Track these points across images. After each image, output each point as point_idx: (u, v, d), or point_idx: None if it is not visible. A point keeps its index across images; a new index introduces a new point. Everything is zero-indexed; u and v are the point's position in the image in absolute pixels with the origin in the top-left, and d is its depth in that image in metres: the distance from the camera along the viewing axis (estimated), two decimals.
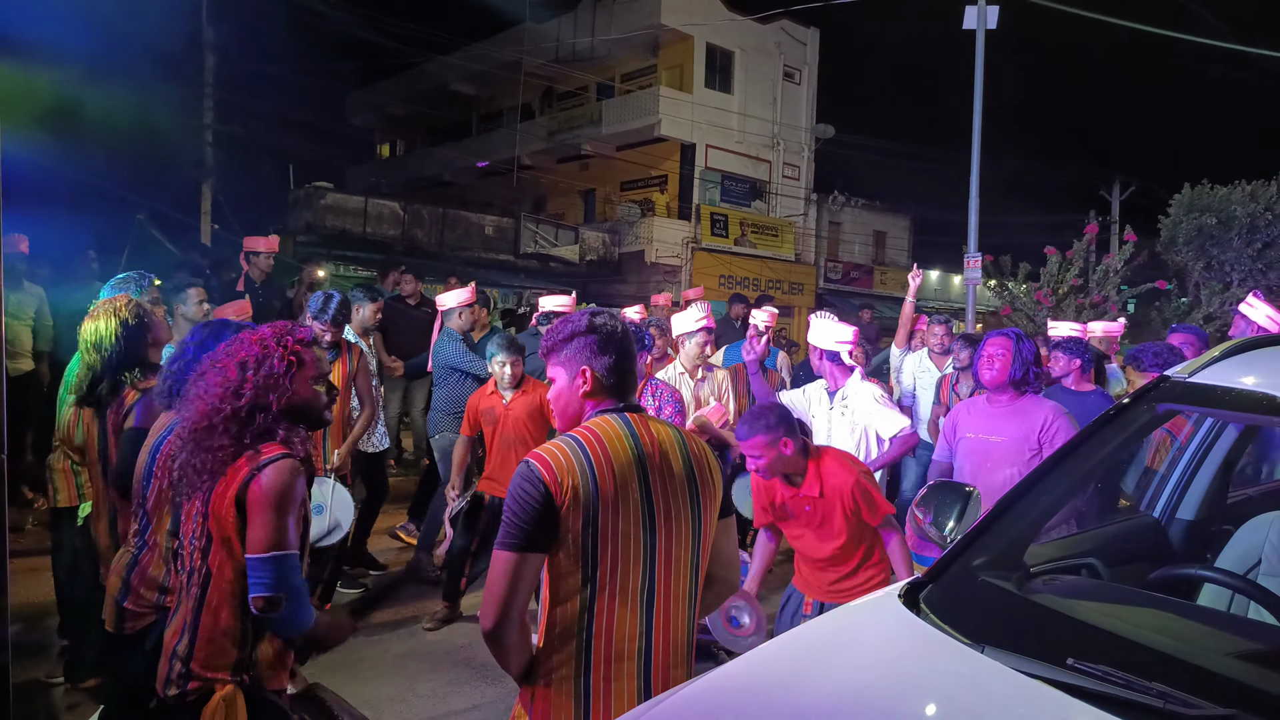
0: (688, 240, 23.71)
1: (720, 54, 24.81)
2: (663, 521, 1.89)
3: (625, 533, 1.83)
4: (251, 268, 6.80)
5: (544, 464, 1.80)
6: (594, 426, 1.91)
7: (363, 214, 19.34)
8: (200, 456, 2.08)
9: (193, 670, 2.05)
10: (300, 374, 2.17)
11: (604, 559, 1.81)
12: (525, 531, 1.78)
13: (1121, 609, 1.88)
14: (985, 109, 13.56)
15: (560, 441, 1.86)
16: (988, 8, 13.19)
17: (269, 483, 2.03)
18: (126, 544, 2.72)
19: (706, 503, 1.98)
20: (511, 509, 1.80)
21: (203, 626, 2.04)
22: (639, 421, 1.94)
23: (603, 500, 1.81)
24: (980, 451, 3.52)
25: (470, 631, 4.80)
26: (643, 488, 1.87)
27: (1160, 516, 2.75)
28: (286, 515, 2.04)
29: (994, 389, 3.56)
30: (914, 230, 31.65)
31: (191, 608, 2.07)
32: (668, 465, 1.92)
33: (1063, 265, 13.71)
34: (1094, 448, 2.19)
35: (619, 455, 1.85)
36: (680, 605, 1.93)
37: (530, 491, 1.78)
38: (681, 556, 1.93)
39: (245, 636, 2.08)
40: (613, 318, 2.01)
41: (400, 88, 29.06)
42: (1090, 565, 2.41)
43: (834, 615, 1.99)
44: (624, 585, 1.84)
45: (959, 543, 2.06)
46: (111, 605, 2.64)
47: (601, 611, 1.82)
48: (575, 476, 1.79)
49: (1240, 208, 14.76)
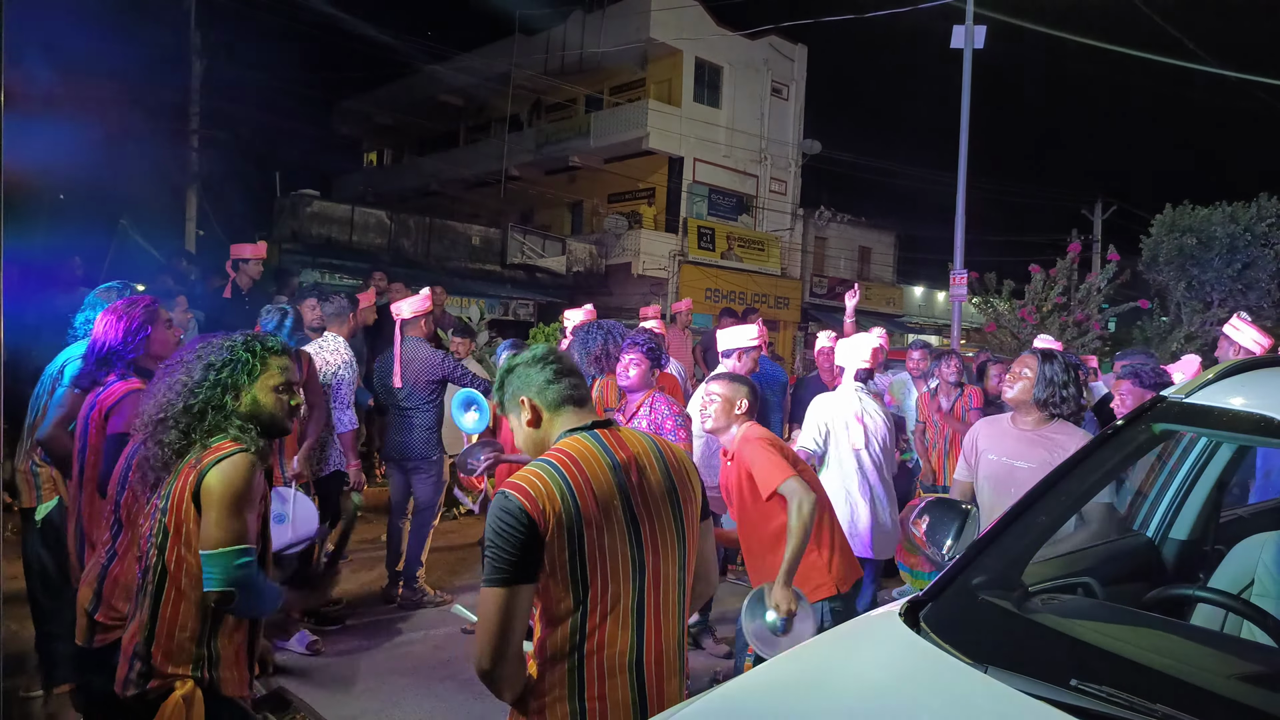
0: (674, 253, 23.76)
1: (709, 68, 24.95)
2: (648, 535, 1.88)
3: (612, 552, 1.81)
4: (239, 275, 6.76)
5: (523, 493, 1.76)
6: (566, 447, 1.88)
7: (349, 222, 19.25)
8: (153, 450, 2.13)
9: (153, 668, 2.03)
10: (264, 380, 2.21)
11: (594, 581, 1.79)
12: (512, 564, 1.73)
13: (1121, 629, 1.88)
14: (971, 128, 13.71)
15: (535, 467, 1.83)
16: (975, 28, 13.35)
17: (223, 478, 2.04)
18: (97, 552, 2.65)
19: (688, 510, 1.99)
20: (495, 543, 1.75)
21: (161, 623, 2.03)
22: (611, 437, 1.93)
23: (586, 522, 1.78)
24: (1003, 476, 3.35)
25: (455, 645, 4.75)
26: (624, 504, 1.85)
27: (1154, 536, 2.76)
28: (242, 510, 2.04)
29: (1015, 409, 3.43)
30: (899, 246, 31.90)
31: (149, 605, 2.06)
32: (647, 477, 1.91)
33: (1046, 283, 13.85)
34: (1091, 468, 2.19)
35: (597, 475, 1.83)
36: (670, 615, 1.93)
37: (511, 523, 1.74)
38: (669, 568, 1.92)
39: (204, 633, 2.07)
40: (524, 345, 2.07)
41: (389, 97, 29.03)
42: (1086, 584, 2.42)
43: (834, 634, 1.98)
44: (614, 604, 1.82)
45: (958, 561, 2.06)
46: (82, 618, 2.55)
47: (593, 631, 1.81)
48: (556, 502, 1.76)
49: (1221, 228, 14.99)
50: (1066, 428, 3.34)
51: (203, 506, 2.03)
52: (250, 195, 18.36)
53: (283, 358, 2.25)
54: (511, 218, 25.08)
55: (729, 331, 5.14)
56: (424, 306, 5.30)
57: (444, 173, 27.66)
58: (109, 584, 2.49)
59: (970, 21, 13.41)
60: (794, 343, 25.26)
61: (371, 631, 4.87)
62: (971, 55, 13.44)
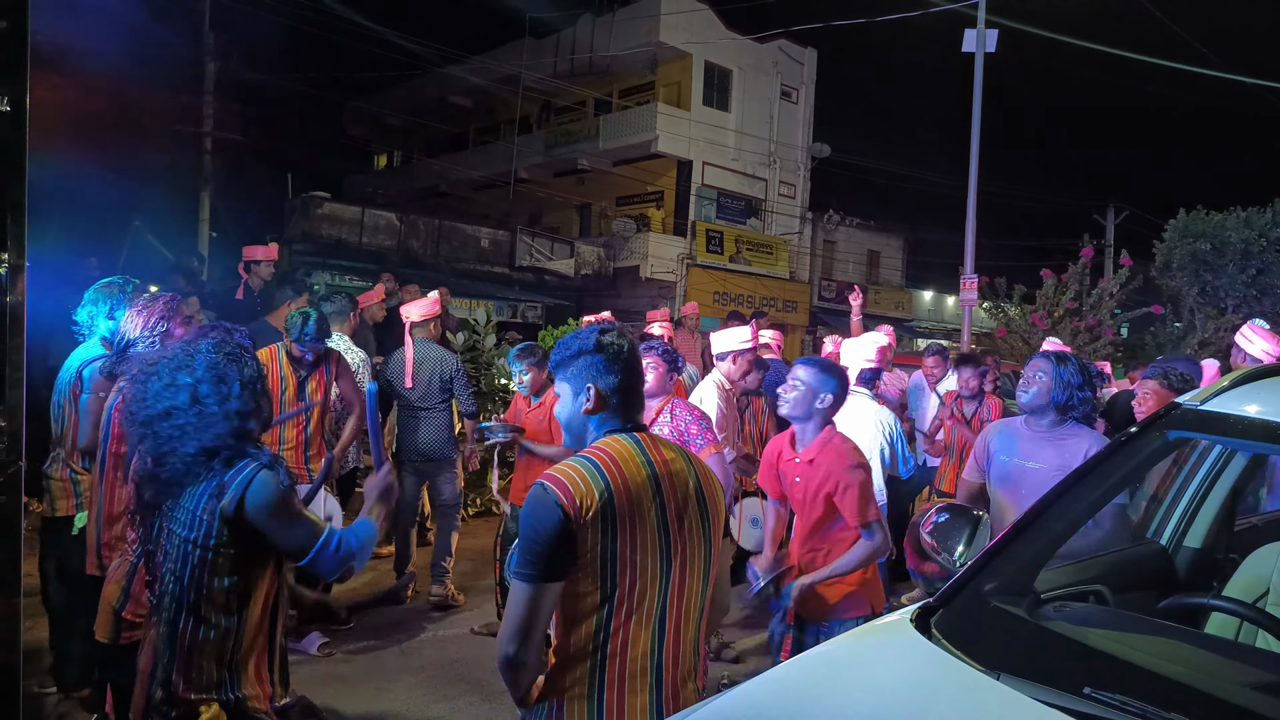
0: (683, 256, 23.78)
1: (718, 72, 24.97)
2: (677, 539, 1.89)
3: (643, 552, 1.83)
4: (251, 276, 6.78)
5: (561, 487, 1.78)
6: (606, 446, 1.90)
7: (359, 224, 19.34)
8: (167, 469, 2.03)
9: (174, 695, 2.00)
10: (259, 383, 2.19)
11: (622, 579, 1.81)
12: (543, 560, 1.76)
13: (1135, 637, 1.87)
14: (982, 132, 13.68)
15: (575, 462, 1.85)
16: (987, 31, 13.32)
17: (265, 497, 2.01)
18: (124, 551, 2.68)
19: (715, 521, 2.00)
20: (528, 536, 1.78)
21: (182, 649, 2.00)
22: (649, 441, 1.95)
23: (621, 520, 1.80)
24: (1015, 477, 3.35)
25: (466, 646, 4.76)
26: (658, 507, 1.87)
27: (1167, 544, 2.75)
28: (296, 511, 2.06)
29: (1032, 412, 3.39)
30: (907, 250, 31.83)
31: (165, 632, 2.02)
32: (680, 484, 1.92)
33: (1058, 288, 13.79)
34: (1105, 474, 2.19)
35: (634, 475, 1.85)
36: (690, 621, 1.94)
37: (547, 518, 1.75)
38: (693, 579, 1.93)
39: (223, 655, 2.04)
40: (620, 335, 2.01)
41: (399, 99, 29.14)
42: (1098, 592, 2.41)
43: (846, 638, 1.98)
44: (640, 604, 1.83)
45: (970, 567, 2.06)
46: (108, 615, 2.59)
47: (617, 630, 1.82)
48: (593, 498, 1.77)
49: (1235, 234, 14.91)
50: (1079, 429, 3.33)
51: (265, 530, 2.01)
52: (262, 197, 18.46)
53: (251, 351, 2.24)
54: (520, 220, 25.15)
55: (722, 334, 5.09)
56: (433, 310, 5.33)
57: (453, 174, 27.75)
58: (139, 581, 2.52)
59: (982, 25, 13.39)
60: (802, 346, 25.23)
61: (381, 633, 4.88)
62: (983, 59, 13.42)
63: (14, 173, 1.52)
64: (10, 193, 1.51)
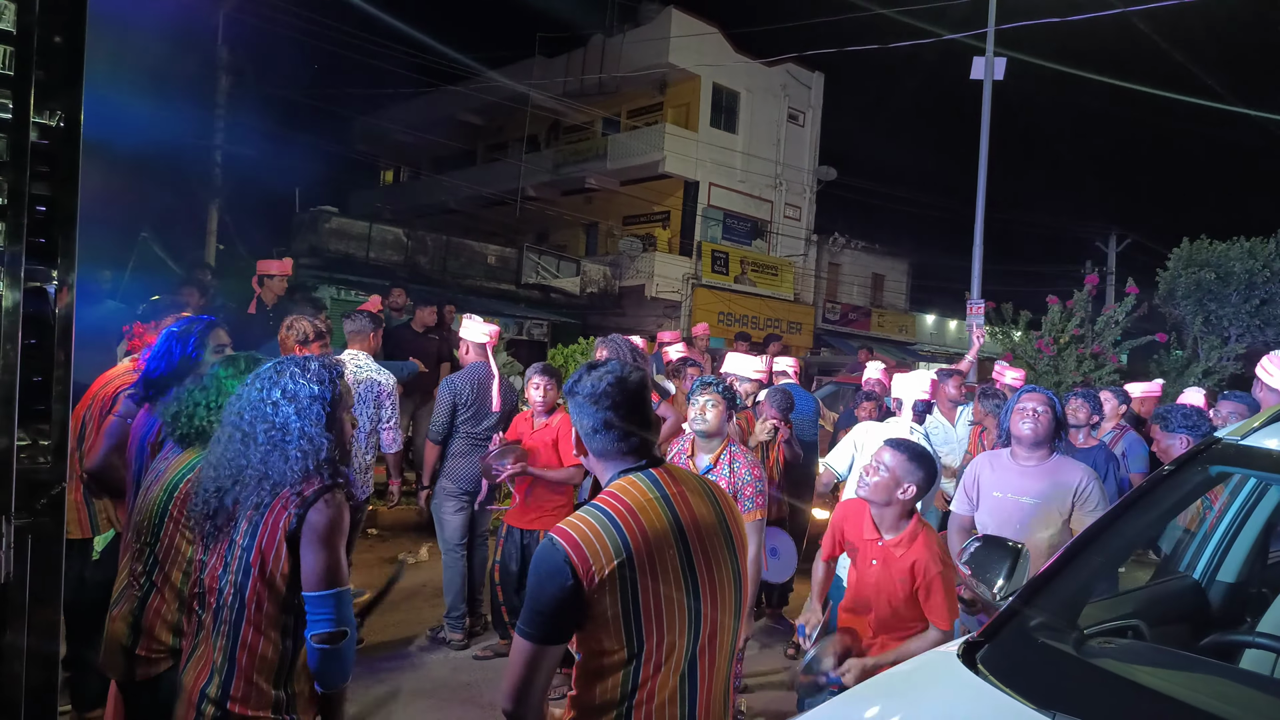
0: (688, 276, 23.80)
1: (726, 94, 25.11)
2: (705, 581, 1.82)
3: (669, 602, 1.76)
4: (265, 291, 6.77)
5: (573, 546, 1.70)
6: (621, 493, 1.80)
7: (366, 239, 19.36)
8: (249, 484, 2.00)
9: (231, 712, 1.96)
10: (343, 407, 2.15)
11: (649, 633, 1.74)
12: (547, 622, 1.70)
13: (1184, 675, 1.85)
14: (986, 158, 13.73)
15: (589, 515, 1.76)
16: (995, 59, 13.40)
17: (324, 518, 1.97)
18: (131, 585, 2.54)
19: (740, 548, 1.94)
20: (535, 595, 1.72)
21: (240, 666, 1.96)
22: (666, 478, 1.86)
23: (641, 573, 1.72)
24: (1008, 511, 3.38)
25: (474, 670, 4.71)
26: (682, 553, 1.79)
27: (1200, 578, 2.72)
28: (341, 549, 1.99)
29: (1031, 446, 3.43)
30: (912, 274, 31.88)
31: (224, 647, 1.98)
32: (702, 520, 1.85)
33: (1064, 315, 13.79)
34: (1147, 508, 2.16)
35: (653, 523, 1.77)
36: (722, 660, 1.88)
37: (554, 578, 1.68)
38: (725, 616, 1.87)
39: (281, 675, 2.00)
40: (620, 368, 1.90)
41: (407, 115, 29.28)
42: (1135, 627, 2.38)
43: (894, 675, 1.95)
44: (669, 655, 1.77)
45: (1013, 603, 2.03)
46: (118, 653, 2.46)
47: (645, 682, 1.75)
48: (608, 557, 1.70)
49: (1239, 264, 14.93)
50: (1066, 462, 3.42)
51: (304, 548, 1.96)
52: (269, 210, 18.50)
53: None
54: (527, 237, 25.20)
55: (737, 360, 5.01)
56: (495, 337, 5.25)
57: (460, 191, 27.83)
58: (150, 617, 2.43)
59: (990, 53, 13.47)
60: (804, 368, 25.17)
61: (391, 653, 4.83)
62: (991, 86, 13.49)
63: (68, 187, 1.51)
64: (63, 207, 1.50)
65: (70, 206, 1.51)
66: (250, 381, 2.07)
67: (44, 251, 1.50)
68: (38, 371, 1.52)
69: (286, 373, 2.06)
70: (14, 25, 1.44)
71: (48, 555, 1.52)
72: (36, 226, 1.49)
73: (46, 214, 1.49)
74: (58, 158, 1.49)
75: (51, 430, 1.54)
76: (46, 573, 1.52)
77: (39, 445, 1.54)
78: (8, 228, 1.45)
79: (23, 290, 1.47)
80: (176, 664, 2.44)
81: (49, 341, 1.53)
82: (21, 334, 1.47)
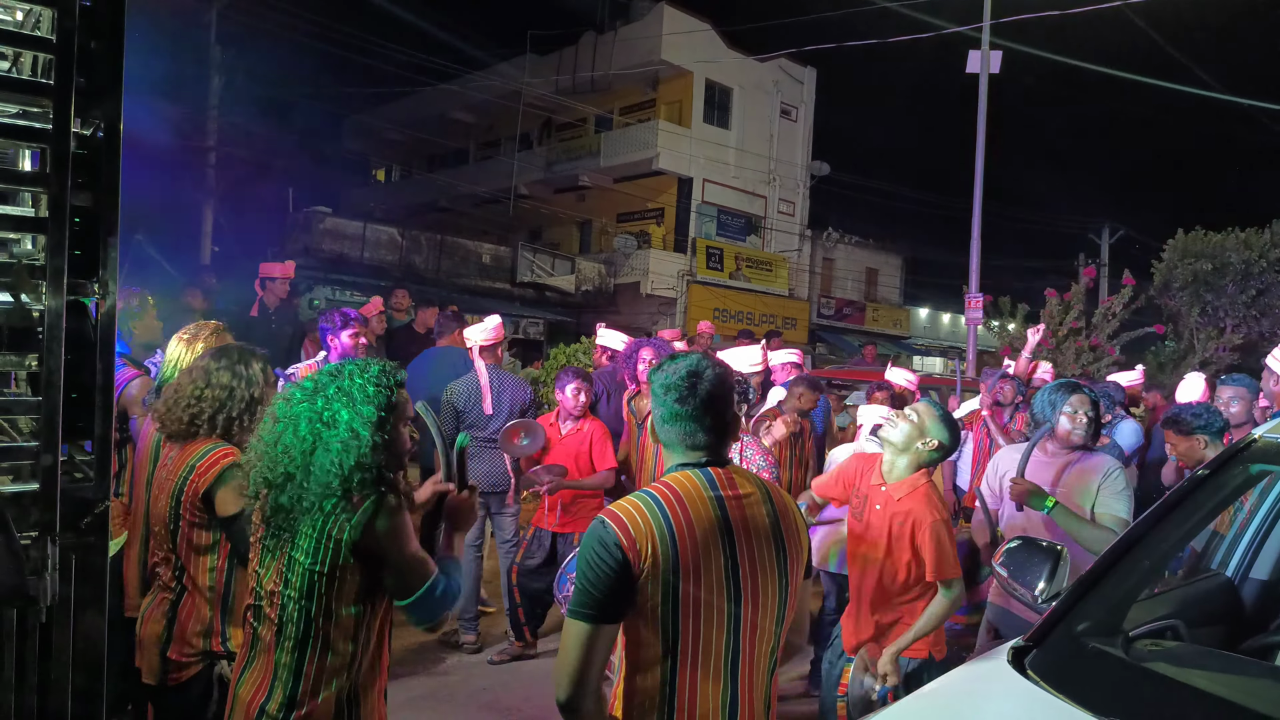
0: (683, 273, 23.79)
1: (719, 90, 25.08)
2: (748, 587, 1.79)
3: (708, 602, 1.74)
4: (267, 293, 6.72)
5: (621, 527, 1.70)
6: (674, 483, 1.80)
7: (361, 239, 19.29)
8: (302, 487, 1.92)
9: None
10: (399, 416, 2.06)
11: (685, 630, 1.72)
12: (599, 602, 1.69)
13: (1236, 678, 1.83)
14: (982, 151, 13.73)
15: (639, 500, 1.76)
16: (991, 53, 13.40)
17: (387, 528, 1.91)
18: (159, 588, 2.53)
19: (793, 562, 1.89)
20: (585, 575, 1.71)
21: (307, 679, 1.91)
22: (723, 477, 1.84)
23: (683, 568, 1.71)
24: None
25: (492, 674, 4.68)
26: (726, 552, 1.77)
27: (1233, 576, 2.71)
28: (414, 548, 1.96)
29: (1068, 446, 3.40)
30: (906, 268, 31.95)
31: (288, 663, 1.92)
32: (754, 524, 1.82)
33: (1062, 307, 13.82)
34: (1189, 510, 2.15)
35: (701, 517, 1.75)
36: (763, 669, 1.85)
37: (605, 558, 1.68)
38: (766, 621, 1.83)
39: (346, 683, 1.96)
40: (708, 365, 1.88)
41: (399, 113, 29.16)
42: (1174, 627, 2.37)
43: (948, 680, 1.93)
44: (706, 656, 1.74)
45: (1059, 606, 2.01)
46: (154, 656, 2.44)
47: (683, 684, 1.73)
48: (654, 542, 1.69)
49: (1235, 254, 14.97)
50: (1092, 455, 3.40)
51: (382, 563, 1.93)
52: (263, 211, 18.38)
53: (405, 390, 2.11)
54: (520, 235, 25.13)
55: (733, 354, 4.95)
56: (499, 334, 5.14)
57: (453, 189, 27.74)
58: (182, 620, 2.42)
59: (986, 47, 13.47)
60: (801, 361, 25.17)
61: (405, 658, 4.79)
62: (988, 80, 13.49)
63: (109, 197, 1.47)
64: (106, 217, 1.46)
65: (111, 219, 1.47)
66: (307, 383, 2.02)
67: (84, 264, 1.47)
68: (78, 387, 1.49)
69: (345, 373, 2.00)
70: (54, 32, 1.40)
71: (93, 575, 1.49)
72: (76, 238, 1.45)
73: (87, 226, 1.46)
74: (98, 168, 1.45)
75: (94, 446, 1.50)
76: (92, 593, 1.48)
77: (82, 462, 1.50)
78: (50, 241, 1.41)
79: (65, 304, 1.43)
80: (205, 669, 2.45)
81: (90, 356, 1.49)
82: (64, 349, 1.44)
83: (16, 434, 1.64)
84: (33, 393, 1.58)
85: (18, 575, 1.35)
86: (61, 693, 1.46)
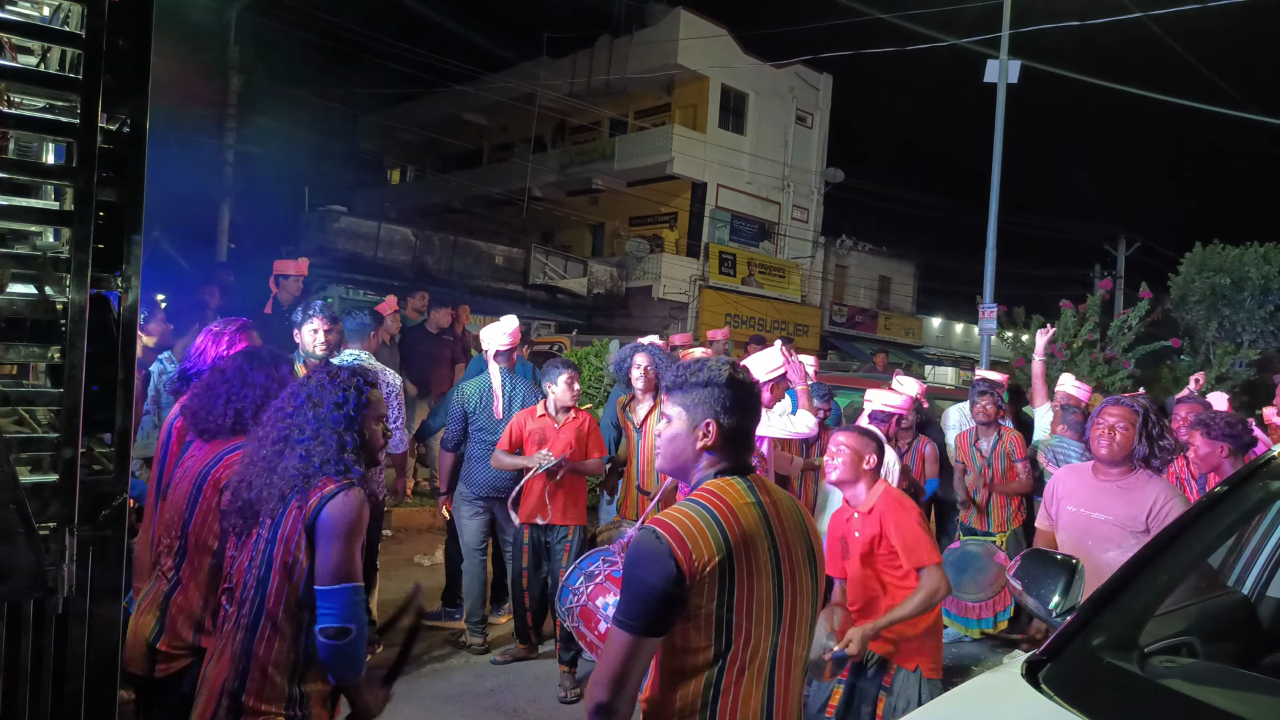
0: (695, 278, 23.77)
1: (734, 95, 25.07)
2: (789, 588, 1.82)
3: (759, 604, 1.76)
4: (281, 291, 6.74)
5: (677, 539, 1.68)
6: (720, 491, 1.80)
7: (375, 238, 19.36)
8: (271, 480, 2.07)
9: (244, 705, 1.98)
10: (369, 414, 2.21)
11: (738, 634, 1.73)
12: (649, 616, 1.68)
13: (1254, 697, 1.81)
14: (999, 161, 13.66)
15: (691, 510, 1.75)
16: (1010, 62, 13.35)
17: (340, 512, 2.02)
18: (158, 577, 2.53)
19: (820, 565, 1.95)
20: (636, 587, 1.70)
21: (256, 658, 1.98)
22: (759, 484, 1.87)
23: (739, 571, 1.72)
24: (1081, 527, 3.28)
25: (498, 674, 4.68)
26: (772, 556, 1.80)
27: (1249, 593, 2.68)
28: (355, 546, 2.04)
29: (1110, 464, 3.30)
30: (919, 277, 31.84)
31: (243, 639, 2.01)
32: (791, 529, 1.86)
33: (1077, 319, 13.73)
34: (1207, 525, 2.13)
35: (750, 523, 1.77)
36: (797, 670, 1.87)
37: (658, 570, 1.67)
38: (803, 623, 1.87)
39: (297, 670, 2.03)
40: (739, 367, 1.92)
41: (414, 115, 29.27)
42: (1189, 644, 2.34)
43: (960, 694, 1.91)
44: (753, 658, 1.75)
45: (1074, 620, 1.99)
46: (141, 646, 2.43)
47: (729, 687, 1.73)
48: (711, 551, 1.69)
49: (1254, 269, 14.86)
50: (1146, 477, 3.26)
51: (318, 541, 1.99)
52: (279, 209, 18.50)
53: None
54: (533, 238, 25.17)
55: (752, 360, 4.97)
56: (516, 338, 5.12)
57: (466, 190, 27.82)
58: (174, 612, 2.41)
59: (1004, 56, 13.42)
60: None
61: (411, 659, 4.79)
62: (1005, 89, 13.44)
63: (134, 193, 1.48)
64: (131, 213, 1.47)
65: (136, 214, 1.48)
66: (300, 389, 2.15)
67: (108, 258, 1.48)
68: (99, 381, 1.50)
69: (315, 380, 2.16)
70: (83, 28, 1.41)
71: (110, 566, 1.49)
72: (100, 232, 1.46)
73: (112, 220, 1.47)
74: (125, 163, 1.46)
75: (114, 439, 1.51)
76: (108, 585, 1.49)
77: (101, 455, 1.51)
78: (75, 235, 1.42)
79: (88, 298, 1.44)
80: (195, 663, 2.42)
81: (112, 350, 1.50)
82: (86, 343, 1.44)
83: (36, 425, 1.65)
84: (54, 385, 1.59)
85: (36, 566, 1.35)
86: (76, 680, 1.46)
